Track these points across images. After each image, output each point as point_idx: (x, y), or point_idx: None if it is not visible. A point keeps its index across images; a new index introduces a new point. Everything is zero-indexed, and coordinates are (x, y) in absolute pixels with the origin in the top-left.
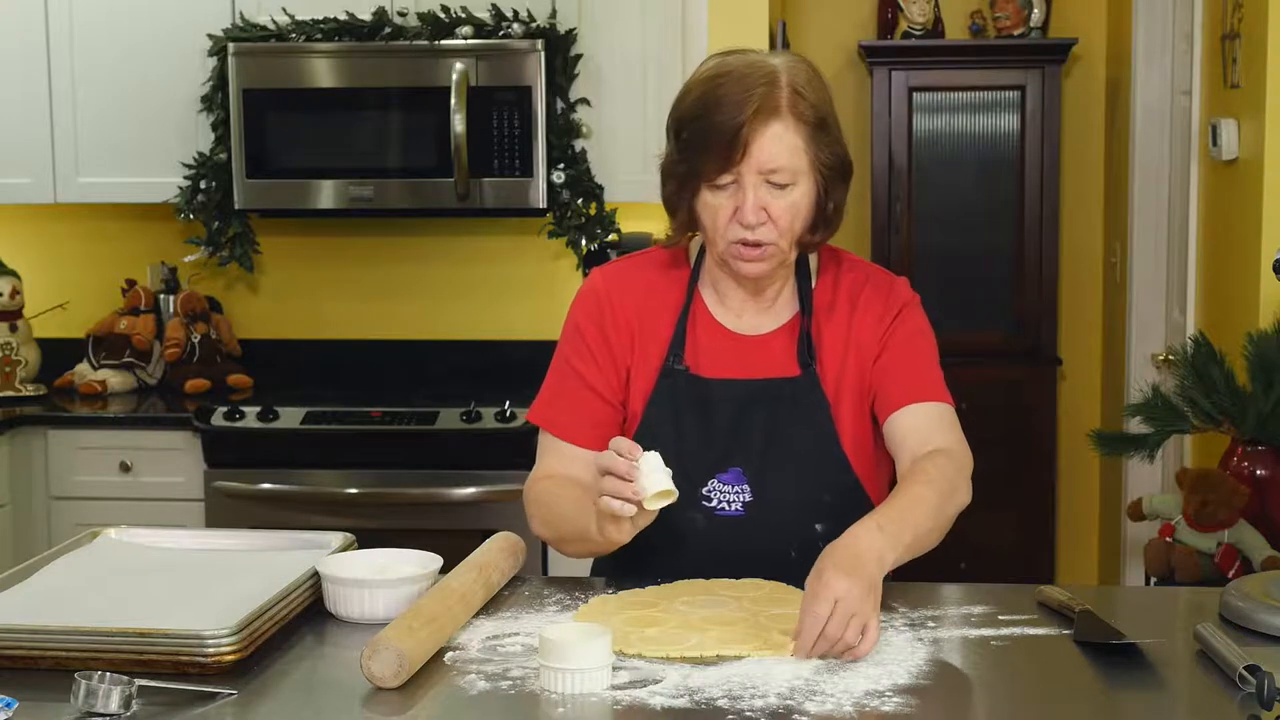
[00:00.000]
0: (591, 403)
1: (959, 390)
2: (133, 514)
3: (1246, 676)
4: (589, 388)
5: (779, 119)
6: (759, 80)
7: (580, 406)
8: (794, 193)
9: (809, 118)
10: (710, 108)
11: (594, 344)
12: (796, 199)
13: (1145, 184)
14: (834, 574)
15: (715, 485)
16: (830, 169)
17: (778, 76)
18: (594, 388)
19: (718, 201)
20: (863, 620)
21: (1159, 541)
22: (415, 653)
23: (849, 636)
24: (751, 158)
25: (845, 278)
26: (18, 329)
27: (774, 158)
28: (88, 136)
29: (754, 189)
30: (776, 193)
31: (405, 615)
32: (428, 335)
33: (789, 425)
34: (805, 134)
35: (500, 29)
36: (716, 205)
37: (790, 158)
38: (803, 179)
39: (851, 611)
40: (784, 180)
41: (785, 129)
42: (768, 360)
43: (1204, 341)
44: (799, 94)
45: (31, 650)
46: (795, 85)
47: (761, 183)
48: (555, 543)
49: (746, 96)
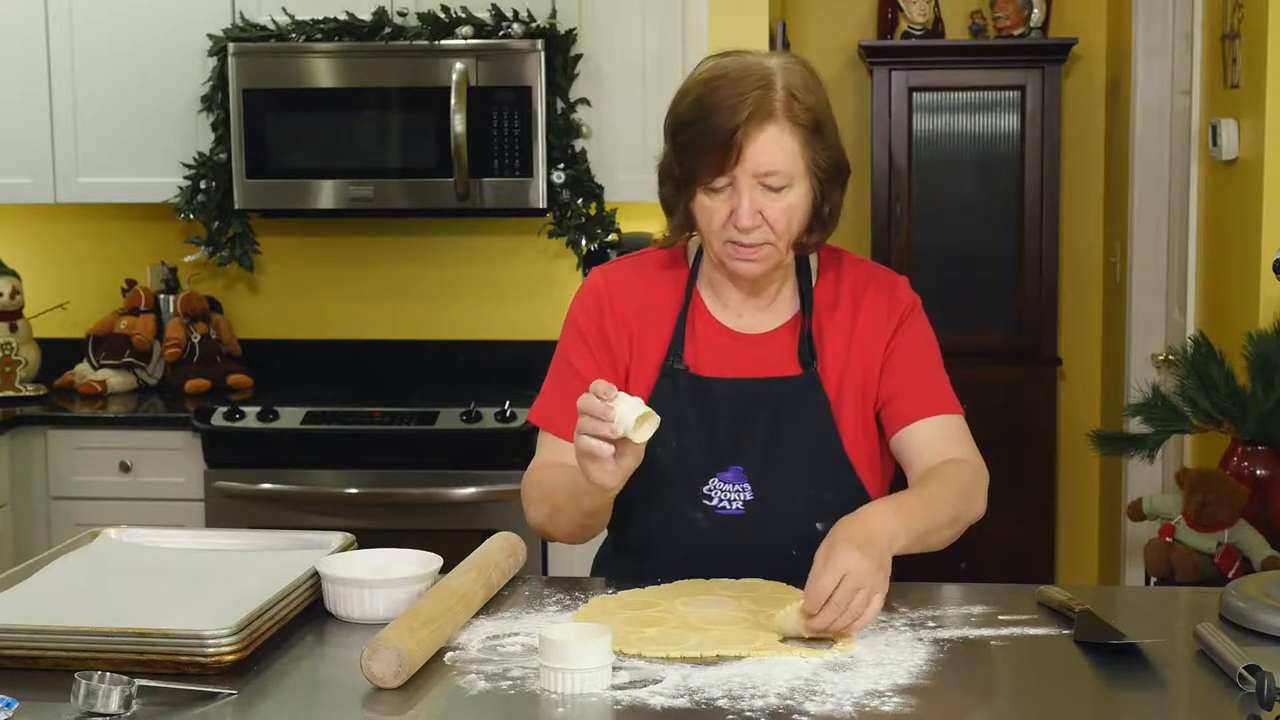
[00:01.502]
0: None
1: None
2: (133, 514)
3: (1246, 676)
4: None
5: (774, 122)
6: (754, 83)
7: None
8: (790, 195)
9: (804, 121)
10: (706, 111)
11: (593, 343)
12: (792, 201)
13: (1145, 184)
14: (845, 548)
15: (716, 484)
16: (826, 171)
17: (773, 79)
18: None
19: (713, 204)
20: (870, 594)
21: (1159, 541)
22: (415, 653)
23: (854, 607)
24: (746, 161)
25: (847, 276)
26: (18, 329)
27: (769, 161)
28: (88, 136)
29: (749, 192)
30: (772, 196)
31: (405, 615)
32: (428, 335)
33: (790, 424)
34: (801, 137)
35: (500, 29)
36: (712, 208)
37: (785, 161)
38: (798, 182)
39: (859, 585)
40: (779, 183)
41: (780, 132)
42: (768, 359)
43: (1204, 341)
44: (794, 97)
45: (31, 650)
46: (791, 88)
47: (757, 186)
48: (550, 520)
49: (741, 100)
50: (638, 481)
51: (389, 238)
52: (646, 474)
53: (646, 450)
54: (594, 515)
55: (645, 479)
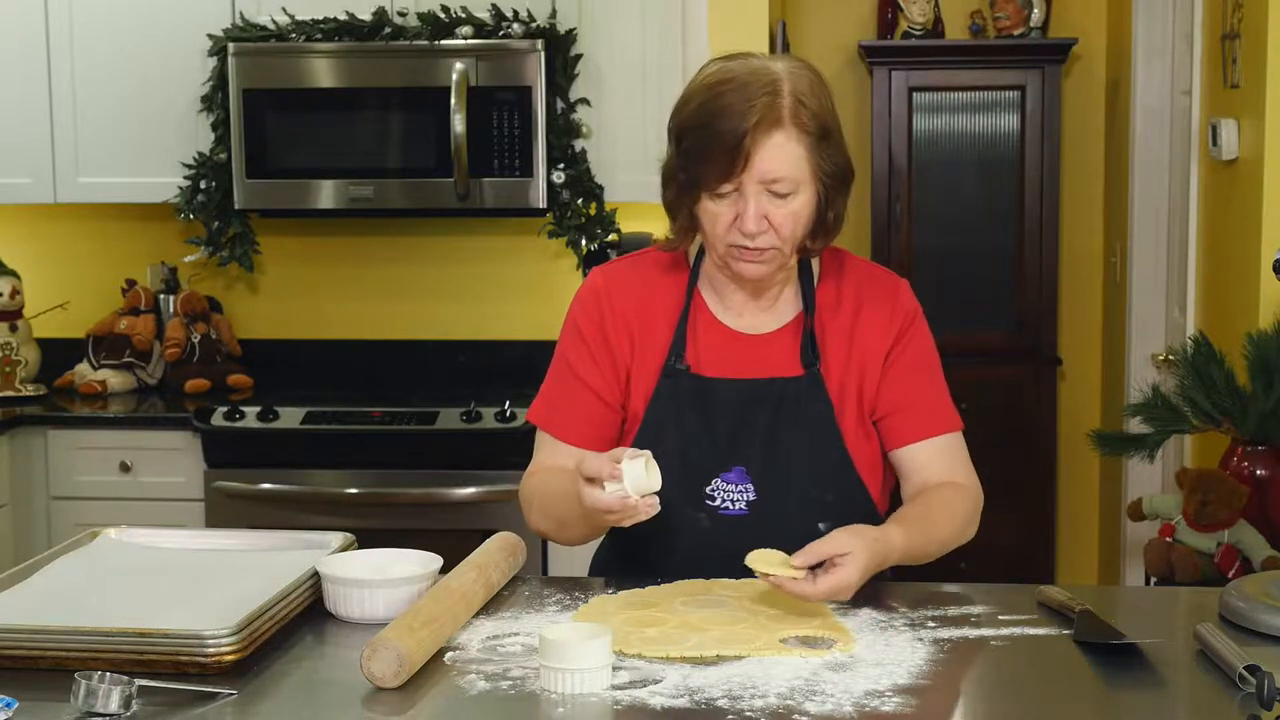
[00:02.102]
0: (589, 402)
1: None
2: (133, 514)
3: (1246, 676)
4: (587, 387)
5: (781, 129)
6: (762, 89)
7: (577, 406)
8: (795, 201)
9: (811, 127)
10: (712, 116)
11: (593, 344)
12: (797, 208)
13: (1145, 184)
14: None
15: (719, 484)
16: (831, 177)
17: (781, 85)
18: (591, 387)
19: (719, 209)
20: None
21: (1159, 541)
22: (415, 653)
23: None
24: (753, 168)
25: (849, 277)
26: (18, 329)
27: (776, 168)
28: (88, 136)
29: (755, 198)
30: (778, 201)
31: (405, 615)
32: (428, 335)
33: (792, 425)
34: (808, 144)
35: (500, 29)
36: (717, 212)
37: (792, 167)
38: (804, 188)
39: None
40: (785, 189)
41: (788, 139)
42: (770, 360)
43: (1204, 341)
44: (802, 103)
45: (31, 650)
46: (798, 94)
47: (763, 191)
48: (555, 530)
49: (749, 106)
50: None
51: (389, 238)
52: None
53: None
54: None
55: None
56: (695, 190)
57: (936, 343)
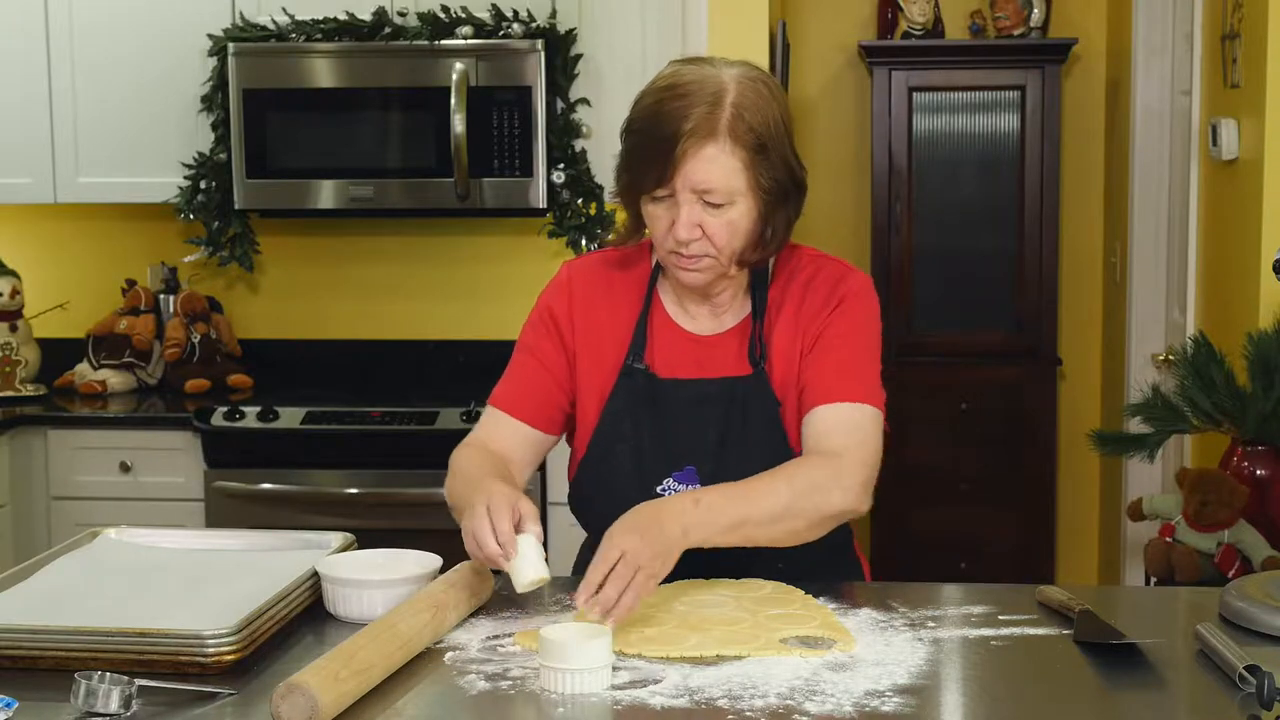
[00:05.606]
0: (541, 379)
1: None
2: (133, 514)
3: (1246, 676)
4: (542, 366)
5: (714, 141)
6: (703, 98)
7: (528, 382)
8: (731, 212)
9: (748, 141)
10: (652, 121)
11: (546, 326)
12: (734, 218)
13: (1145, 184)
14: (622, 532)
15: (670, 484)
16: (770, 193)
17: (724, 96)
18: (546, 366)
19: (657, 211)
20: (647, 577)
21: (1159, 541)
22: (331, 707)
23: (626, 599)
24: (685, 176)
25: (799, 275)
26: (18, 329)
27: (707, 179)
28: (88, 136)
29: (688, 205)
30: (713, 210)
31: (338, 656)
32: (428, 335)
33: (741, 424)
34: (743, 157)
35: (500, 29)
36: (656, 215)
37: (724, 179)
38: (741, 199)
39: (636, 566)
40: (719, 200)
41: (720, 151)
42: (722, 360)
43: (1204, 341)
44: (741, 116)
45: (31, 650)
46: (740, 106)
47: (696, 200)
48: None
49: (686, 115)
50: (599, 479)
51: (389, 238)
52: (606, 472)
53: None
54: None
55: (604, 477)
56: (634, 191)
57: (937, 342)
